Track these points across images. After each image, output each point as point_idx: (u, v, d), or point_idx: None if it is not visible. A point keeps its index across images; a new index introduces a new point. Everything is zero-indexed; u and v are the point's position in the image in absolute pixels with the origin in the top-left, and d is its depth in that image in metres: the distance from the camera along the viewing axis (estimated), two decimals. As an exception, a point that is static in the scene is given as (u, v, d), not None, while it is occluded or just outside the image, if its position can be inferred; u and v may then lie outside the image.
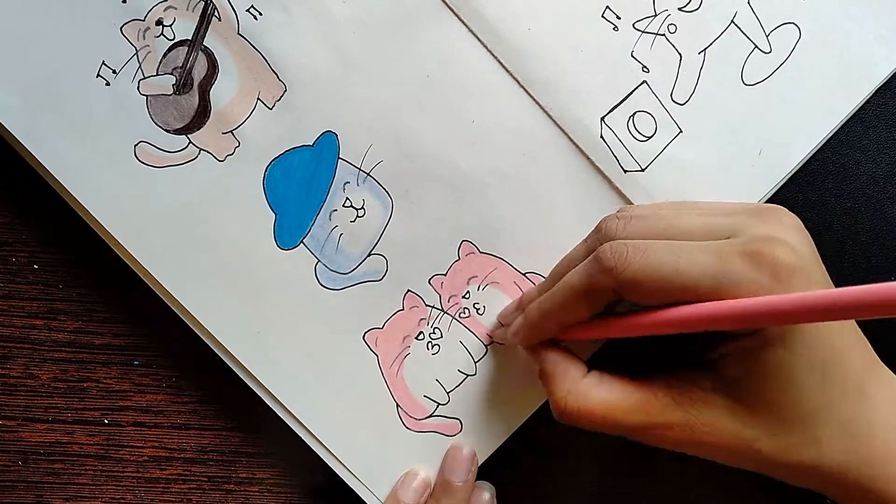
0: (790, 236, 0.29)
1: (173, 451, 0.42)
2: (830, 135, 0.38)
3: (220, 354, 0.39)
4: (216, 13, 0.36)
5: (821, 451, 0.29)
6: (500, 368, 0.39)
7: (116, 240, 0.38)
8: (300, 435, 0.39)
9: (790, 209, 0.37)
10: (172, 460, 0.42)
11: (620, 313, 0.31)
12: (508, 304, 0.38)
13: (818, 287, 0.28)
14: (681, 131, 0.37)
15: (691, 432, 0.30)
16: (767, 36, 0.37)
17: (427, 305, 0.39)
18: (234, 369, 0.39)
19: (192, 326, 0.38)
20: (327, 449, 0.39)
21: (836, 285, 0.37)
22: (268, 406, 0.39)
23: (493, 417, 0.39)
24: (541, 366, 0.33)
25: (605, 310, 0.32)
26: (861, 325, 0.31)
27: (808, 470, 0.29)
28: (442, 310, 0.39)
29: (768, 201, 0.38)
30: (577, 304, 0.31)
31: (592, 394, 0.31)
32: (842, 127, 0.38)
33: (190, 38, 0.37)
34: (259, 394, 0.39)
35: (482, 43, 0.37)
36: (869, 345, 0.31)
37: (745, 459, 0.30)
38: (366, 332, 0.39)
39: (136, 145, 0.37)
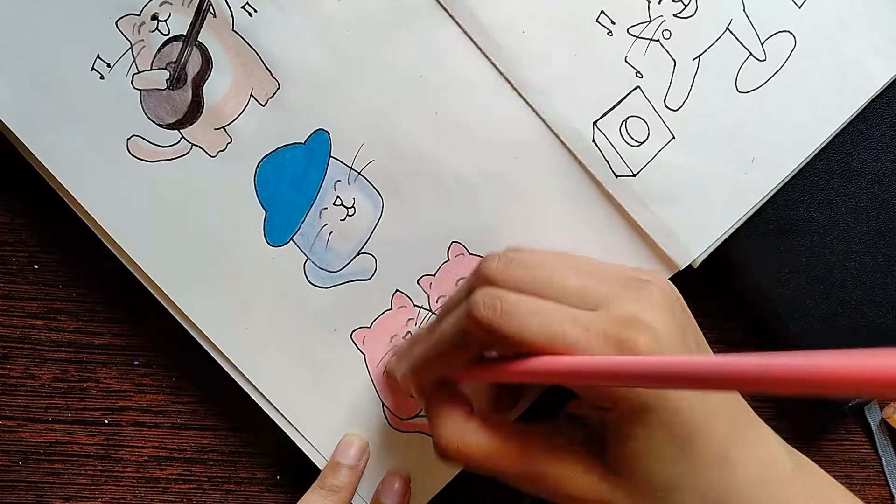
0: (657, 318, 0.28)
1: (173, 451, 0.42)
2: (823, 144, 0.37)
3: (208, 350, 0.39)
4: (211, 9, 0.36)
5: None
6: None
7: (108, 233, 0.38)
8: (286, 431, 0.39)
9: (795, 209, 0.38)
10: (172, 460, 0.42)
11: (493, 360, 0.32)
12: (404, 341, 0.38)
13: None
14: (673, 137, 0.37)
15: (559, 485, 0.30)
16: (762, 44, 0.37)
17: (415, 306, 0.39)
18: (222, 364, 0.39)
19: (180, 321, 0.39)
20: (313, 447, 0.39)
21: (841, 285, 0.38)
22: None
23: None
24: (425, 406, 0.34)
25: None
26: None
27: None
28: (430, 310, 0.39)
29: (764, 205, 0.38)
30: (453, 353, 0.31)
31: (472, 438, 0.32)
32: (846, 126, 0.37)
33: (185, 33, 0.37)
34: (246, 389, 0.39)
35: (476, 45, 0.37)
36: (742, 404, 0.31)
37: None
38: (353, 331, 0.39)
39: (128, 139, 0.38)
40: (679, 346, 0.29)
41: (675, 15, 0.37)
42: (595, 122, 0.37)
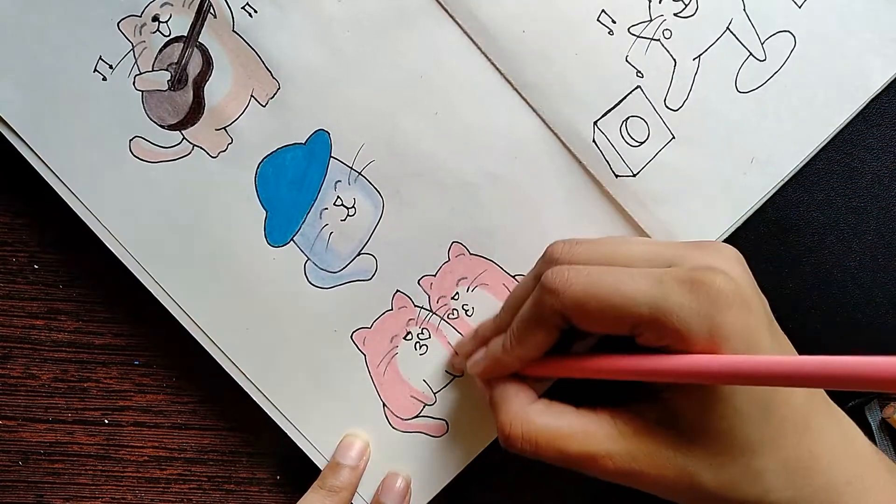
0: (729, 266, 0.29)
1: (173, 451, 0.42)
2: (823, 144, 0.37)
3: (208, 350, 0.39)
4: (212, 10, 0.37)
5: (764, 487, 0.29)
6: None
7: (111, 234, 0.38)
8: (286, 431, 0.39)
9: (795, 209, 0.38)
10: (172, 460, 0.42)
11: (577, 354, 0.32)
12: (464, 336, 0.38)
13: (756, 317, 0.29)
14: (673, 137, 0.37)
15: (633, 463, 0.30)
16: (762, 44, 0.37)
17: (416, 306, 0.39)
18: (223, 364, 0.39)
19: (181, 321, 0.39)
20: (314, 447, 0.39)
21: (841, 285, 0.38)
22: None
23: (480, 419, 0.39)
24: (490, 394, 0.34)
25: (564, 347, 0.32)
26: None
27: None
28: (430, 310, 0.39)
29: (764, 205, 0.38)
30: (532, 334, 0.31)
31: (536, 421, 0.31)
32: (846, 126, 0.37)
33: (185, 34, 0.37)
34: (246, 389, 0.39)
35: (476, 45, 0.37)
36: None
37: (687, 495, 0.30)
38: (354, 332, 0.39)
39: (130, 140, 0.38)
40: (754, 295, 0.29)
41: (675, 14, 0.37)
42: (595, 122, 0.37)
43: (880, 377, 0.22)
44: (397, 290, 0.39)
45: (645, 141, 0.37)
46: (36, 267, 0.41)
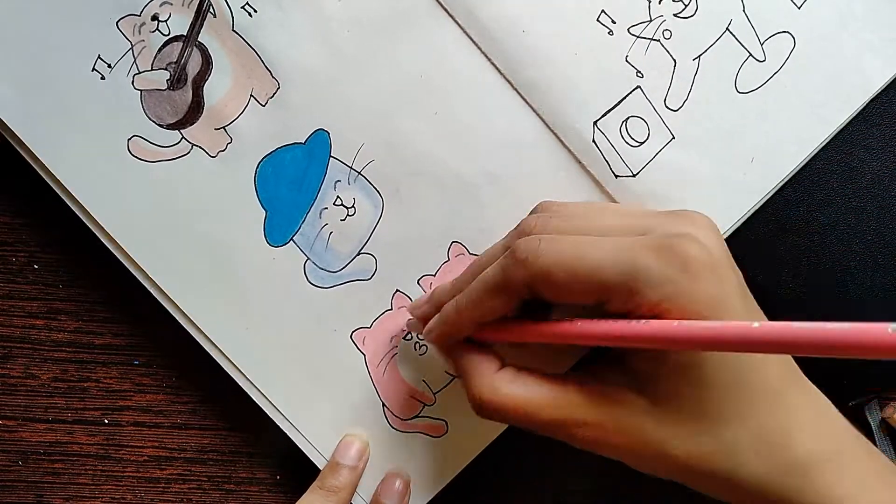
0: (703, 234, 0.28)
1: (173, 451, 0.42)
2: (823, 144, 0.37)
3: (208, 350, 0.39)
4: (211, 9, 0.37)
5: (736, 461, 0.28)
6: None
7: (110, 234, 0.38)
8: (286, 431, 0.39)
9: (795, 209, 0.38)
10: (172, 460, 0.42)
11: (535, 317, 0.31)
12: (419, 297, 0.38)
13: (728, 285, 0.28)
14: (673, 137, 0.37)
15: (603, 431, 0.29)
16: (762, 44, 0.37)
17: (416, 306, 0.39)
18: (222, 364, 0.39)
19: (180, 321, 0.39)
20: (313, 446, 0.39)
21: (841, 285, 0.38)
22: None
23: (480, 419, 0.39)
24: (455, 362, 0.33)
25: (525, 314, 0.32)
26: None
27: (724, 482, 0.28)
28: (430, 310, 0.39)
29: (764, 205, 0.38)
30: (492, 300, 0.31)
31: (505, 388, 0.31)
32: (846, 126, 0.37)
33: (185, 33, 0.37)
34: (245, 388, 0.39)
35: (476, 45, 0.37)
36: (791, 360, 0.30)
37: (658, 464, 0.29)
38: (353, 331, 0.39)
39: (129, 139, 0.38)
40: (727, 263, 0.29)
41: (675, 15, 0.37)
42: (595, 122, 0.37)
43: (845, 343, 0.21)
44: (397, 290, 0.38)
45: (645, 141, 0.37)
46: (36, 267, 0.41)
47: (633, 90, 0.37)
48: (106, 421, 0.42)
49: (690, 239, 0.27)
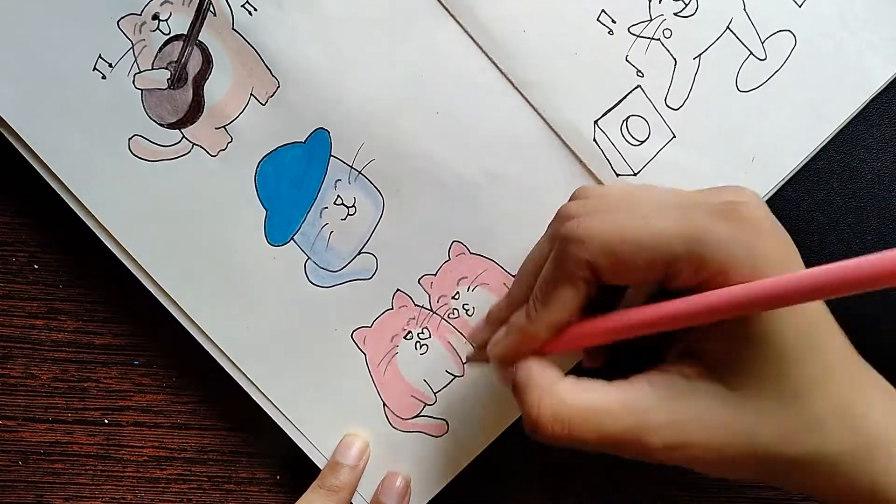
0: (753, 199, 0.27)
1: (173, 451, 0.42)
2: (823, 143, 0.37)
3: (208, 350, 0.39)
4: (211, 8, 0.37)
5: (822, 437, 0.26)
6: (488, 369, 0.39)
7: (110, 233, 0.38)
8: (286, 431, 0.39)
9: (795, 209, 0.38)
10: (172, 460, 0.42)
11: (604, 315, 0.29)
12: (475, 325, 0.36)
13: (791, 244, 0.27)
14: (674, 136, 0.37)
15: (681, 432, 0.27)
16: (763, 43, 0.37)
17: (416, 305, 0.38)
18: (222, 364, 0.39)
19: (181, 320, 0.39)
20: (314, 446, 0.39)
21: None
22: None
23: (481, 418, 0.39)
24: (514, 378, 0.30)
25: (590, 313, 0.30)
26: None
27: (813, 465, 0.27)
28: (431, 310, 0.39)
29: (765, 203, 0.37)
30: (559, 293, 0.28)
31: (568, 398, 0.28)
32: (846, 126, 0.37)
33: (185, 32, 0.37)
34: (246, 388, 0.39)
35: (476, 44, 0.37)
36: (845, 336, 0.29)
37: (746, 460, 0.27)
38: (354, 331, 0.39)
39: (130, 138, 0.38)
40: (778, 227, 0.28)
41: (675, 14, 0.37)
42: (596, 121, 0.37)
43: None
44: (397, 290, 0.38)
45: (646, 140, 0.37)
46: (36, 267, 0.41)
47: (634, 89, 0.37)
48: (106, 421, 0.42)
49: (748, 202, 0.27)
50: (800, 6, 0.36)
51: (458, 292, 0.38)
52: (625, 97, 0.37)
